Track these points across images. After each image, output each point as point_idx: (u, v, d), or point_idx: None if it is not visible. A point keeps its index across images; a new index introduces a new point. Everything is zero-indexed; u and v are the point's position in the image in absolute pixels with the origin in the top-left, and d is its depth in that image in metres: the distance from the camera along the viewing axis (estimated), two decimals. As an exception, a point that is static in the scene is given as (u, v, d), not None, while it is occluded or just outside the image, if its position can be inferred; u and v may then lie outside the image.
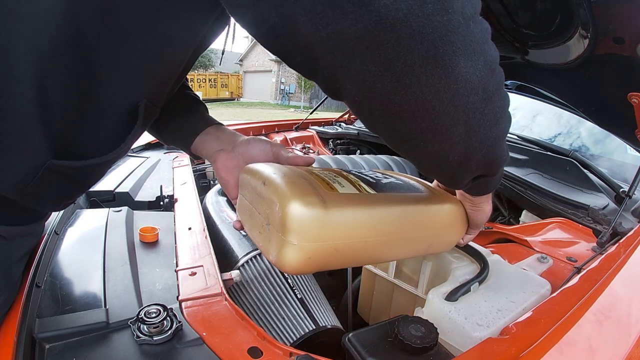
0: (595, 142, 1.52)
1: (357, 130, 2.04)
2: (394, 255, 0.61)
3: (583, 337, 0.54)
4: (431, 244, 0.63)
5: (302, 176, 0.50)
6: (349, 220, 0.48)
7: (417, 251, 0.64)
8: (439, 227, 0.62)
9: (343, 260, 0.51)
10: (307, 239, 0.43)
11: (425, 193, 0.64)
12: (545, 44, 1.21)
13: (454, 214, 0.64)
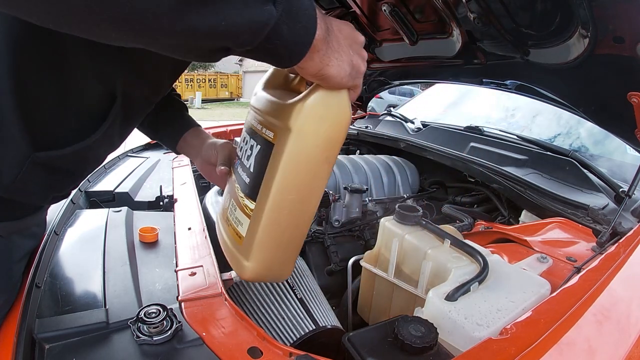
0: (595, 142, 1.52)
1: (357, 130, 2.04)
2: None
3: (583, 337, 0.54)
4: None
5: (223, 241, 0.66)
6: (266, 252, 0.57)
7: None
8: (316, 136, 0.51)
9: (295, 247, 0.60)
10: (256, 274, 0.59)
11: (273, 136, 0.53)
12: (545, 44, 1.21)
13: (311, 113, 0.50)
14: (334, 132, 0.51)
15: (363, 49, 0.50)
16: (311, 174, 0.52)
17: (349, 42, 0.47)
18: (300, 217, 0.55)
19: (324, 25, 0.41)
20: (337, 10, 1.67)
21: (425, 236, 0.88)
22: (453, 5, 1.29)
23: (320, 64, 0.43)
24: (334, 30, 0.44)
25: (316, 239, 1.26)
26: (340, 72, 0.46)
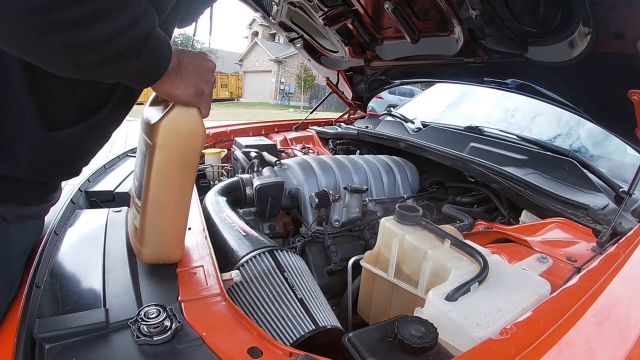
0: (595, 143, 1.52)
1: (357, 130, 2.04)
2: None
3: (582, 337, 0.54)
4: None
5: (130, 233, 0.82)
6: (153, 240, 0.72)
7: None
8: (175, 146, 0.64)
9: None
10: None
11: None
12: (546, 41, 1.21)
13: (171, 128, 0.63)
14: (190, 142, 0.64)
15: (212, 74, 0.63)
16: (176, 177, 0.65)
17: (198, 70, 0.60)
18: (174, 210, 0.69)
19: (176, 60, 0.56)
20: (339, 8, 1.67)
21: (425, 236, 0.88)
22: (456, 3, 1.29)
23: (171, 86, 0.57)
24: (185, 62, 0.58)
25: (316, 239, 1.26)
26: (186, 93, 0.59)
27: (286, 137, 2.24)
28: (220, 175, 1.82)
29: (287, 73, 23.33)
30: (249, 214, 1.38)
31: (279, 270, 0.86)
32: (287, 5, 1.86)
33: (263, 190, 1.29)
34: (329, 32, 1.89)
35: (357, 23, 1.75)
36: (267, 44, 24.72)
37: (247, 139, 1.92)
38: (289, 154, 1.98)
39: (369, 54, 2.00)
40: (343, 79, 2.36)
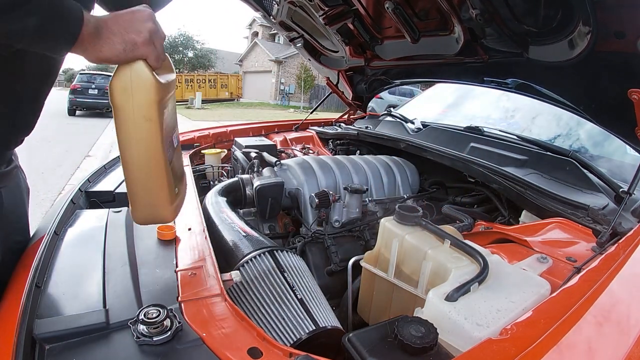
0: (595, 143, 1.52)
1: (357, 130, 2.04)
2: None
3: (582, 337, 0.54)
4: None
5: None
6: (138, 199, 0.72)
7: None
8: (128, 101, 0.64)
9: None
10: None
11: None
12: (546, 40, 1.21)
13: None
14: (142, 96, 0.64)
15: (146, 22, 0.61)
16: (138, 133, 0.66)
17: (126, 26, 0.60)
18: (147, 167, 0.69)
19: (94, 24, 0.56)
20: (340, 8, 1.67)
21: (425, 236, 0.88)
22: (456, 2, 1.29)
23: (94, 50, 0.57)
24: (108, 24, 0.58)
25: (316, 240, 1.26)
26: (113, 52, 0.59)
27: (286, 138, 2.24)
28: (220, 176, 1.82)
29: (287, 73, 23.34)
30: (249, 214, 1.38)
31: (279, 271, 0.86)
32: (288, 4, 1.86)
33: (263, 191, 1.29)
34: (330, 31, 1.89)
35: (357, 23, 1.75)
36: (267, 44, 24.72)
37: (247, 140, 1.92)
38: (289, 155, 1.98)
39: (369, 54, 2.00)
40: (343, 78, 2.36)
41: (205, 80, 21.73)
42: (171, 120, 0.75)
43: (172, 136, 0.76)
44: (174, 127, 0.78)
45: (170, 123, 0.74)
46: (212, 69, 26.75)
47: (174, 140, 0.77)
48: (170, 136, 0.74)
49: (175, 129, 0.79)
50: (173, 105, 0.77)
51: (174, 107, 0.78)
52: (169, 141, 0.73)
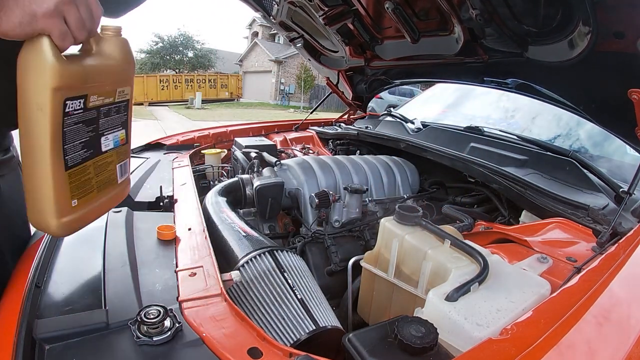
0: (595, 144, 1.52)
1: (357, 130, 2.04)
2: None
3: (583, 337, 0.54)
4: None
5: None
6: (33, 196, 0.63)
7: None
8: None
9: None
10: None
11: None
12: (546, 40, 1.21)
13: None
14: (36, 78, 0.54)
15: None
16: (28, 123, 0.57)
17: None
18: (33, 164, 0.59)
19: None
20: (340, 8, 1.67)
21: (425, 236, 0.88)
22: (456, 2, 1.29)
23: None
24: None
25: (316, 240, 1.26)
26: (9, 25, 0.50)
27: (286, 138, 2.24)
28: (220, 176, 1.82)
29: (287, 73, 23.34)
30: (249, 214, 1.38)
31: (279, 271, 0.86)
32: (288, 4, 1.86)
33: (263, 191, 1.29)
34: (330, 31, 1.89)
35: (357, 23, 1.75)
36: (267, 44, 24.72)
37: (247, 140, 1.92)
38: (289, 155, 1.98)
39: (369, 54, 2.00)
40: (343, 78, 2.36)
41: (205, 80, 21.73)
42: (110, 121, 0.66)
43: (101, 138, 0.66)
44: (115, 127, 0.68)
45: (106, 123, 0.65)
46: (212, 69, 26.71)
47: (106, 142, 0.67)
48: (95, 139, 0.64)
49: (117, 130, 0.69)
50: (124, 107, 0.69)
51: (125, 108, 0.70)
52: (87, 142, 0.62)
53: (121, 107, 0.69)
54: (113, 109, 0.67)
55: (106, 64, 0.63)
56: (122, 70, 0.67)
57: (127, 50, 0.67)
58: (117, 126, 0.69)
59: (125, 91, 0.69)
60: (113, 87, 0.66)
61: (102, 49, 0.62)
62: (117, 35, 0.65)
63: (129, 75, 0.70)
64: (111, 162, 0.70)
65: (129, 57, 0.67)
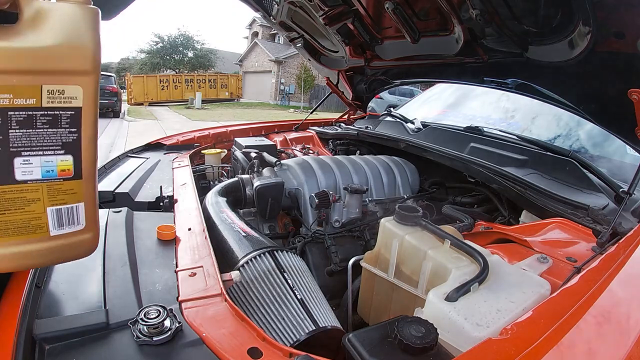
0: (595, 144, 1.52)
1: (357, 130, 2.04)
2: None
3: (582, 338, 0.54)
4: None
5: None
6: None
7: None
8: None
9: None
10: None
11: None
12: (546, 40, 1.21)
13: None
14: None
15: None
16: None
17: None
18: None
19: None
20: (340, 8, 1.67)
21: (425, 237, 0.88)
22: (456, 2, 1.29)
23: None
24: None
25: (316, 240, 1.26)
26: None
27: (286, 138, 2.24)
28: (220, 176, 1.82)
29: (287, 73, 23.34)
30: (249, 214, 1.38)
31: (279, 271, 0.86)
32: (288, 4, 1.86)
33: (263, 191, 1.29)
34: (330, 31, 1.89)
35: (357, 23, 1.75)
36: (267, 44, 24.72)
37: (247, 140, 1.92)
38: (289, 155, 1.98)
39: (369, 54, 2.00)
40: (343, 78, 2.36)
41: (205, 80, 21.72)
42: (33, 135, 0.47)
43: (14, 159, 0.47)
44: (44, 147, 0.49)
45: (24, 138, 0.47)
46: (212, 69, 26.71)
47: (25, 168, 0.48)
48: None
49: (50, 153, 0.49)
50: (70, 119, 0.49)
51: (74, 121, 0.49)
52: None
53: (59, 117, 0.48)
54: (39, 117, 0.46)
55: (28, 45, 0.44)
56: (62, 57, 0.46)
57: (85, 27, 0.46)
58: (51, 147, 0.48)
59: (67, 92, 0.47)
60: (37, 82, 0.45)
61: (35, 20, 0.44)
62: (78, 5, 0.46)
63: (83, 68, 0.48)
64: (34, 200, 0.49)
65: (84, 39, 0.47)
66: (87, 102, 0.50)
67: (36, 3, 0.44)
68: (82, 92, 0.49)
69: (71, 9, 0.46)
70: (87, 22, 0.47)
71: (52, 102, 0.47)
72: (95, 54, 0.48)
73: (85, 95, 0.49)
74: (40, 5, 0.45)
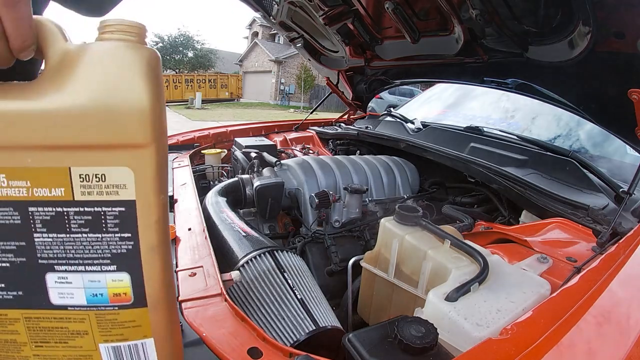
0: (595, 144, 1.52)
1: (357, 130, 2.04)
2: None
3: (582, 338, 0.54)
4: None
5: None
6: None
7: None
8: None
9: None
10: None
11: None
12: (546, 40, 1.21)
13: None
14: None
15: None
16: None
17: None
18: None
19: None
20: (340, 8, 1.67)
21: (425, 237, 0.88)
22: (456, 2, 1.29)
23: None
24: None
25: (316, 240, 1.26)
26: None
27: (286, 138, 2.24)
28: (220, 176, 1.82)
29: (287, 73, 23.35)
30: (249, 214, 1.38)
31: (279, 271, 0.86)
32: (288, 4, 1.86)
33: (263, 191, 1.29)
34: (330, 31, 1.89)
35: (357, 23, 1.75)
36: (267, 44, 24.73)
37: (247, 140, 1.92)
38: (289, 155, 1.98)
39: (369, 54, 2.00)
40: (343, 78, 2.36)
41: (205, 80, 21.73)
42: (66, 242, 0.33)
43: (46, 275, 0.34)
44: (86, 260, 0.35)
45: (54, 245, 0.33)
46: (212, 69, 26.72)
47: (61, 289, 0.35)
48: (24, 270, 0.34)
49: (95, 269, 0.35)
50: (119, 219, 0.34)
51: (127, 223, 0.34)
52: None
53: (103, 216, 0.33)
54: (73, 216, 0.33)
55: (50, 107, 0.30)
56: (101, 124, 0.31)
57: (138, 77, 0.32)
58: (95, 260, 0.34)
59: (111, 178, 0.32)
60: (62, 163, 0.31)
61: (62, 69, 0.31)
62: (123, 44, 0.32)
63: (135, 139, 0.33)
64: (79, 332, 0.36)
65: (136, 95, 0.32)
66: (144, 192, 0.34)
67: (64, 44, 0.31)
68: (134, 178, 0.33)
69: (116, 51, 0.31)
70: (140, 69, 0.31)
71: (90, 194, 0.32)
72: (155, 116, 0.33)
73: (141, 181, 0.34)
74: (70, 47, 0.31)
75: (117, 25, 0.32)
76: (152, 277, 0.36)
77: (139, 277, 0.35)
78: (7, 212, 0.31)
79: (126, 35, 0.32)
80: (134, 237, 0.34)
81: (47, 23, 0.31)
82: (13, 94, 0.30)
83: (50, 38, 0.31)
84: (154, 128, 0.34)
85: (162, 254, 0.36)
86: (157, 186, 0.36)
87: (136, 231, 0.34)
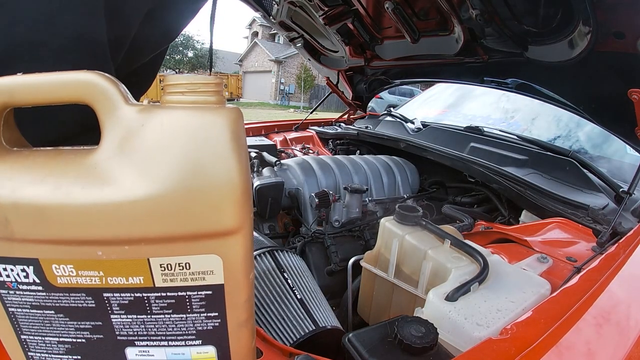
0: (595, 144, 1.52)
1: (357, 130, 2.04)
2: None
3: (582, 338, 0.54)
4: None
5: None
6: None
7: None
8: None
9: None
10: None
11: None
12: (546, 40, 1.21)
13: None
14: None
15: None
16: None
17: None
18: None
19: None
20: (339, 8, 1.67)
21: (425, 236, 0.88)
22: (456, 2, 1.29)
23: None
24: None
25: (316, 239, 1.26)
26: None
27: (286, 137, 2.24)
28: (220, 176, 1.82)
29: (287, 73, 23.35)
30: (249, 214, 1.37)
31: (279, 271, 0.86)
32: (288, 4, 1.86)
33: (263, 191, 1.29)
34: (330, 31, 1.89)
35: (357, 23, 1.75)
36: (267, 44, 24.73)
37: (247, 139, 1.92)
38: (289, 154, 1.98)
39: (369, 54, 2.00)
40: (343, 78, 2.36)
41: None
42: (145, 322, 0.33)
43: (125, 349, 0.33)
44: (168, 338, 0.34)
45: (134, 325, 0.33)
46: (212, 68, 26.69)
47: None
48: (107, 347, 0.33)
49: (178, 347, 0.34)
50: (206, 300, 0.33)
51: (214, 303, 0.33)
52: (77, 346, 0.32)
53: (188, 300, 0.31)
54: (154, 301, 0.31)
55: (109, 198, 0.26)
56: (179, 212, 0.27)
57: (222, 148, 0.26)
58: (179, 336, 0.33)
59: (196, 266, 0.29)
60: (138, 255, 0.28)
61: (124, 147, 0.26)
62: (201, 110, 0.26)
63: (221, 226, 0.28)
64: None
65: (220, 173, 0.26)
66: (233, 275, 0.31)
67: (126, 109, 0.25)
68: (223, 264, 0.30)
69: (195, 120, 0.25)
70: (226, 137, 0.25)
71: (172, 281, 0.30)
72: (245, 194, 0.28)
73: (230, 266, 0.30)
74: (134, 114, 0.25)
75: (189, 84, 0.25)
76: (240, 349, 0.35)
77: (226, 351, 0.34)
78: (80, 297, 0.29)
79: (203, 95, 0.25)
80: (222, 316, 0.32)
81: (100, 82, 0.25)
82: (74, 169, 0.24)
83: (105, 102, 0.25)
84: (243, 208, 0.28)
85: (250, 327, 0.35)
86: (246, 268, 0.32)
87: (224, 311, 0.32)
